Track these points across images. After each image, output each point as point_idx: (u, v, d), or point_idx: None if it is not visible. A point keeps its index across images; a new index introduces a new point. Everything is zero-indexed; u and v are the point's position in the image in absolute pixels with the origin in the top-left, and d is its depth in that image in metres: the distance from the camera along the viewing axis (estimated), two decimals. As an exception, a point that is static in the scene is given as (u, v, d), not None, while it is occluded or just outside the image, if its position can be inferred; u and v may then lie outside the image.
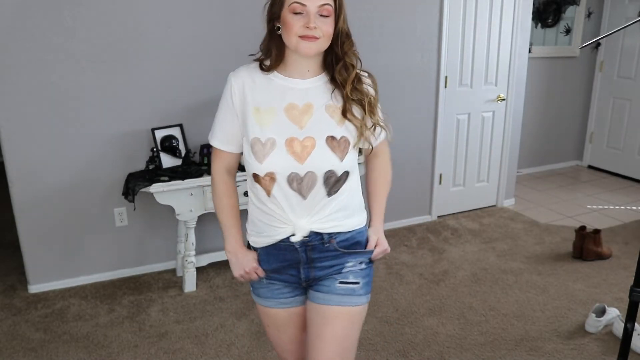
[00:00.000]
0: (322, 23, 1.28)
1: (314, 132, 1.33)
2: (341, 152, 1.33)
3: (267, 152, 1.33)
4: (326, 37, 1.29)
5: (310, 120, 1.34)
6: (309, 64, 1.36)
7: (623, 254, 3.48)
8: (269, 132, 1.33)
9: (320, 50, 1.32)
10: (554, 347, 2.51)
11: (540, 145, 5.32)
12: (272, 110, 1.35)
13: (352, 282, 1.42)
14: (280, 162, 1.32)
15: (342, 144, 1.34)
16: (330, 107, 1.35)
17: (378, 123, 1.40)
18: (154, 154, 2.98)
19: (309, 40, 1.27)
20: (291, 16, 1.27)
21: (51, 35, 2.73)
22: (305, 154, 1.32)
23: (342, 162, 1.34)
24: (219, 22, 3.08)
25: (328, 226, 1.38)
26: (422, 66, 3.75)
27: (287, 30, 1.29)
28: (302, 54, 1.30)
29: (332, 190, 1.36)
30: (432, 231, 3.90)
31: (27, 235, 2.94)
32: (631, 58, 5.01)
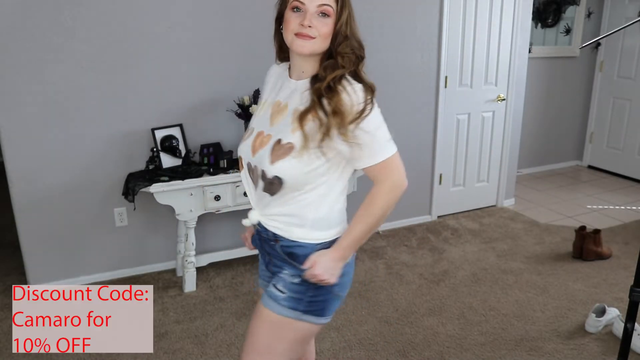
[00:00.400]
0: (320, 23, 1.26)
1: (275, 131, 1.34)
2: (274, 157, 1.29)
3: (245, 138, 1.42)
4: (322, 37, 1.27)
5: (279, 121, 1.35)
6: (304, 65, 1.34)
7: (623, 254, 3.48)
8: (255, 122, 1.44)
9: (316, 51, 1.29)
10: (554, 347, 2.51)
11: (540, 145, 5.32)
12: (267, 104, 1.43)
13: (279, 290, 1.39)
14: (244, 149, 1.41)
15: (282, 148, 1.29)
16: (297, 112, 1.31)
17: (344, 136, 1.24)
18: (154, 154, 2.98)
19: (302, 39, 1.26)
20: (290, 13, 1.28)
21: (51, 35, 2.73)
22: (258, 148, 1.35)
23: (271, 165, 1.30)
24: (219, 22, 3.07)
25: (271, 225, 1.40)
26: (422, 66, 3.75)
27: (285, 27, 1.30)
28: (296, 52, 1.30)
29: (270, 190, 1.34)
30: (432, 231, 3.90)
31: (27, 235, 2.94)
32: (631, 58, 5.01)
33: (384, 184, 1.33)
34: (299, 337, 1.42)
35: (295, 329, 1.40)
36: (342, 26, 1.28)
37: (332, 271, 1.35)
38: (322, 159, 1.30)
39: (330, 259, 1.35)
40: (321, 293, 1.39)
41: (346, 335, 2.60)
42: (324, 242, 1.38)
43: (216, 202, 2.91)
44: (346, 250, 1.36)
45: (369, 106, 1.26)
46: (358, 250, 3.88)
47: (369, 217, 1.34)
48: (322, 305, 1.41)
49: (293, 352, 1.44)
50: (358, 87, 1.27)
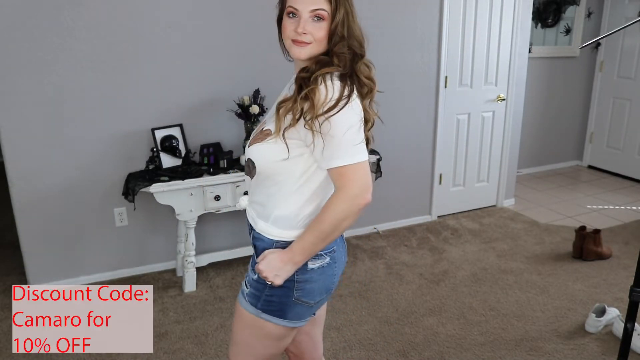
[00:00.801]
0: (314, 28, 1.26)
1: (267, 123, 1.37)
2: (253, 140, 1.35)
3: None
4: (318, 42, 1.27)
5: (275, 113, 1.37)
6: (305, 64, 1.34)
7: (623, 254, 3.48)
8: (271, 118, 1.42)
9: (313, 55, 1.29)
10: (554, 347, 2.51)
11: (540, 145, 5.32)
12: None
13: (245, 285, 1.42)
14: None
15: (262, 134, 1.34)
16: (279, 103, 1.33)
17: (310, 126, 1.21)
18: (154, 154, 2.98)
19: (299, 45, 1.28)
20: (286, 18, 1.29)
21: (51, 35, 2.73)
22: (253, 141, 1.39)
23: (248, 147, 1.36)
24: (219, 22, 3.07)
25: (249, 214, 1.44)
26: (422, 66, 3.75)
27: (282, 32, 1.31)
28: (295, 57, 1.32)
29: (249, 173, 1.39)
30: (432, 231, 3.90)
31: (27, 235, 2.94)
32: (631, 58, 5.01)
33: (341, 192, 1.25)
34: (265, 334, 1.39)
35: (259, 326, 1.38)
36: (338, 27, 1.27)
37: (276, 271, 1.31)
38: (293, 152, 1.28)
39: (278, 258, 1.31)
40: (276, 294, 1.35)
41: (346, 335, 2.60)
42: (283, 241, 1.35)
43: (216, 202, 2.91)
44: (295, 255, 1.30)
45: (341, 103, 1.21)
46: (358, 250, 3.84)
47: (319, 224, 1.27)
48: (279, 306, 1.36)
49: (266, 348, 1.42)
50: (337, 84, 1.24)
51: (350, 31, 1.28)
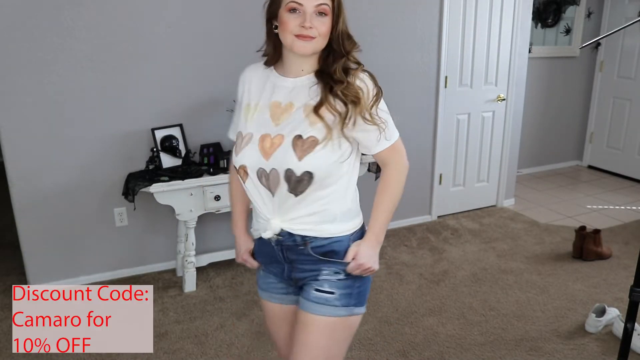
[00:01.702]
0: (319, 22, 1.27)
1: (285, 130, 1.31)
2: (301, 152, 1.28)
3: (243, 145, 1.36)
4: (322, 36, 1.28)
5: (286, 119, 1.33)
6: (304, 64, 1.35)
7: (623, 254, 3.48)
8: (250, 127, 1.37)
9: (317, 50, 1.30)
10: (554, 347, 2.51)
11: (540, 145, 5.32)
12: (259, 107, 1.39)
13: (327, 292, 1.39)
14: (250, 156, 1.34)
15: (306, 143, 1.29)
16: (308, 106, 1.32)
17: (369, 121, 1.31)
18: (154, 154, 2.98)
19: (304, 40, 1.27)
20: (287, 15, 1.27)
21: (51, 35, 2.73)
22: (271, 150, 1.31)
23: (299, 161, 1.28)
24: (219, 22, 3.08)
25: (299, 228, 1.36)
26: (422, 66, 3.75)
27: (283, 28, 1.28)
28: (298, 53, 1.30)
29: (296, 190, 1.31)
30: (432, 231, 3.90)
31: (27, 235, 2.94)
32: (631, 58, 5.01)
33: (397, 166, 1.41)
34: (353, 332, 1.46)
35: (350, 325, 1.43)
36: (342, 24, 1.30)
37: (374, 258, 1.40)
38: (343, 147, 1.32)
39: (369, 246, 1.39)
40: (364, 281, 1.44)
41: (346, 335, 2.60)
42: (355, 231, 1.41)
43: (216, 202, 2.91)
44: (379, 235, 1.41)
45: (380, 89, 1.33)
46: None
47: (391, 198, 1.40)
48: (366, 292, 1.46)
49: (348, 344, 1.48)
50: (364, 76, 1.32)
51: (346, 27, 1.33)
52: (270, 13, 1.33)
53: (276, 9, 1.30)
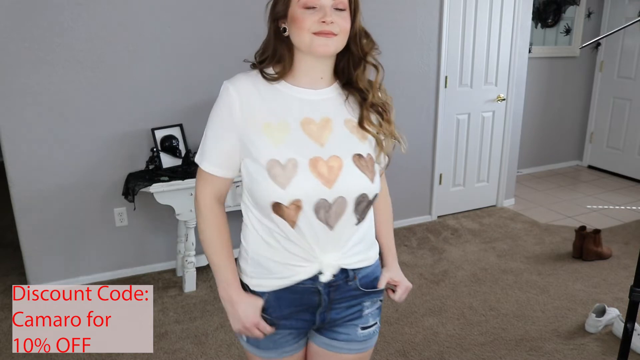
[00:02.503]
0: (338, 17, 1.11)
1: (338, 150, 1.14)
2: (371, 172, 1.15)
3: (289, 175, 1.10)
4: (343, 33, 1.12)
5: (330, 137, 1.15)
6: (323, 69, 1.17)
7: (623, 254, 3.48)
8: (288, 151, 1.12)
9: (338, 49, 1.14)
10: (554, 347, 2.51)
11: (540, 145, 5.32)
12: (286, 125, 1.14)
13: (372, 325, 1.31)
14: (307, 187, 1.10)
15: (369, 162, 1.16)
16: (349, 121, 1.18)
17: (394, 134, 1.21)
18: (154, 154, 2.98)
19: (326, 36, 1.10)
20: (302, 11, 1.10)
21: (51, 35, 2.73)
22: (333, 176, 1.11)
23: (373, 183, 1.16)
24: (219, 22, 3.07)
25: (355, 260, 1.21)
26: (422, 66, 3.75)
27: (298, 27, 1.10)
28: (318, 54, 1.12)
29: (361, 217, 1.18)
30: (432, 231, 3.90)
31: (27, 235, 2.94)
32: (631, 58, 5.01)
33: (385, 186, 1.35)
34: None
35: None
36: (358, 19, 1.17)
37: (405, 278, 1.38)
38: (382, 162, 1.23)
39: (397, 267, 1.37)
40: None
41: (346, 335, 2.60)
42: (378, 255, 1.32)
43: (216, 202, 2.91)
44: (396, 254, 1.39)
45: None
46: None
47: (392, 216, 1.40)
48: None
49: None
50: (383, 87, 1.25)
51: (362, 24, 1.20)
52: (277, 13, 1.15)
53: (284, 8, 1.13)
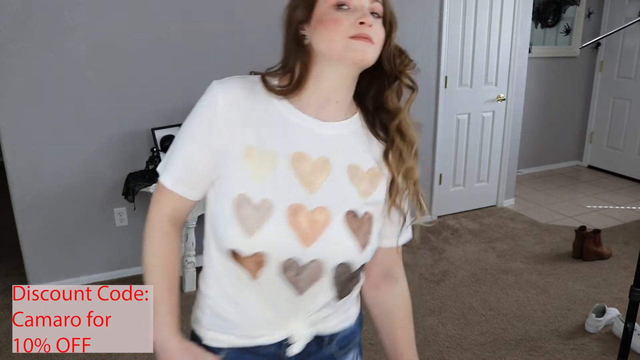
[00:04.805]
0: (376, 24, 0.90)
1: (329, 201, 0.89)
2: (363, 237, 0.91)
3: (260, 220, 0.87)
4: (380, 43, 0.90)
5: (325, 183, 0.90)
6: (344, 88, 0.92)
7: (623, 254, 3.48)
8: (266, 189, 0.88)
9: (373, 61, 0.90)
10: (554, 347, 2.51)
11: (540, 145, 5.32)
12: (273, 156, 0.89)
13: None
14: (278, 241, 0.87)
15: (365, 223, 0.91)
16: (355, 168, 0.92)
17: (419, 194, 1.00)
18: (154, 154, 2.98)
19: (365, 41, 0.86)
20: (333, 11, 0.86)
21: (51, 35, 2.73)
22: (314, 233, 0.88)
23: (363, 251, 0.91)
24: (219, 21, 3.07)
25: (332, 324, 0.99)
26: (422, 66, 3.72)
27: (331, 30, 0.85)
28: (355, 61, 0.87)
29: (343, 291, 0.95)
30: (432, 231, 3.90)
31: (27, 235, 2.94)
32: (631, 58, 5.01)
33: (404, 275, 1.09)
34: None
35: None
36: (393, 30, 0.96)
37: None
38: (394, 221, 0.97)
39: None
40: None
41: (346, 335, 2.60)
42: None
43: (216, 202, 2.91)
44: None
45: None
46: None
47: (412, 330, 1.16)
48: None
49: None
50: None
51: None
52: (298, 15, 0.89)
53: (309, 10, 0.88)
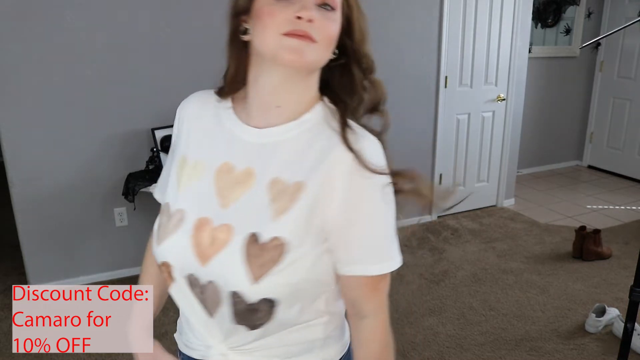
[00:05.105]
0: (323, 18, 0.76)
1: (236, 219, 0.81)
2: (260, 268, 0.77)
3: (171, 230, 0.85)
4: (326, 42, 0.77)
5: (240, 198, 0.81)
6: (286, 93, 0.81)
7: (623, 254, 3.48)
8: (184, 200, 0.86)
9: (316, 63, 0.78)
10: (554, 347, 2.51)
11: (540, 145, 5.31)
12: (202, 168, 0.86)
13: None
14: (178, 252, 0.84)
15: (268, 251, 0.77)
16: (277, 182, 0.80)
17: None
18: (154, 154, 2.98)
19: (299, 39, 0.74)
20: (272, 3, 0.75)
21: (51, 35, 2.73)
22: (211, 251, 0.81)
23: (256, 284, 0.77)
24: (219, 21, 3.07)
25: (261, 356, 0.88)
26: (422, 66, 3.75)
27: (263, 25, 0.75)
28: (285, 62, 0.76)
29: (249, 321, 0.82)
30: (432, 231, 3.90)
31: (27, 235, 2.94)
32: (631, 58, 5.01)
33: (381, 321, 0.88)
34: None
35: None
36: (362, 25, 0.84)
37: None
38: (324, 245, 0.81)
39: None
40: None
41: (346, 335, 2.60)
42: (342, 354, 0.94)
43: (216, 202, 2.91)
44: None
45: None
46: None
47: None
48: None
49: None
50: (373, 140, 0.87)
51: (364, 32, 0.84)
52: (239, 5, 0.81)
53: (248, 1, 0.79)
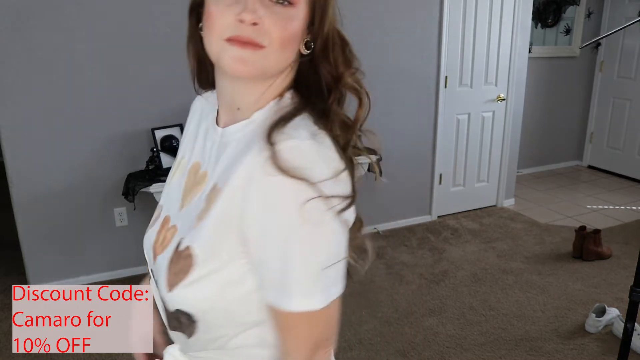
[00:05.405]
0: (275, 17, 0.67)
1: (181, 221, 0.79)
2: (175, 276, 0.73)
3: (150, 224, 0.90)
4: (278, 45, 0.68)
5: (192, 201, 0.79)
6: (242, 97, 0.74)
7: (623, 254, 3.48)
8: (165, 195, 0.89)
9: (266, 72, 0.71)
10: (554, 347, 2.51)
11: (540, 145, 5.31)
12: (183, 165, 0.87)
13: None
14: (146, 247, 0.89)
15: (181, 260, 0.73)
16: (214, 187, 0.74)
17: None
18: (154, 154, 2.98)
19: (241, 47, 0.67)
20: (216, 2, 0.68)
21: (51, 35, 2.73)
22: (158, 250, 0.82)
23: (170, 292, 0.74)
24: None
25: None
26: (422, 66, 3.75)
27: (208, 26, 0.70)
28: (230, 72, 0.70)
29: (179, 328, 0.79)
30: (432, 231, 3.90)
31: (27, 235, 2.94)
32: (631, 58, 5.01)
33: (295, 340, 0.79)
34: None
35: None
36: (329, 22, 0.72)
37: None
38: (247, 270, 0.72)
39: None
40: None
41: (346, 335, 2.60)
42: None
43: (216, 202, 2.91)
44: None
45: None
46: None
47: None
48: None
49: None
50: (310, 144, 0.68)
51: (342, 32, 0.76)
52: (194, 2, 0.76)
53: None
